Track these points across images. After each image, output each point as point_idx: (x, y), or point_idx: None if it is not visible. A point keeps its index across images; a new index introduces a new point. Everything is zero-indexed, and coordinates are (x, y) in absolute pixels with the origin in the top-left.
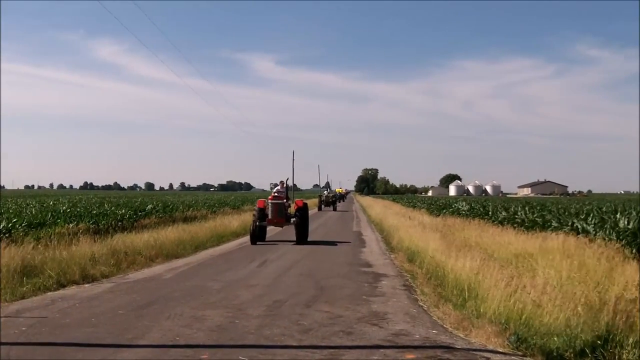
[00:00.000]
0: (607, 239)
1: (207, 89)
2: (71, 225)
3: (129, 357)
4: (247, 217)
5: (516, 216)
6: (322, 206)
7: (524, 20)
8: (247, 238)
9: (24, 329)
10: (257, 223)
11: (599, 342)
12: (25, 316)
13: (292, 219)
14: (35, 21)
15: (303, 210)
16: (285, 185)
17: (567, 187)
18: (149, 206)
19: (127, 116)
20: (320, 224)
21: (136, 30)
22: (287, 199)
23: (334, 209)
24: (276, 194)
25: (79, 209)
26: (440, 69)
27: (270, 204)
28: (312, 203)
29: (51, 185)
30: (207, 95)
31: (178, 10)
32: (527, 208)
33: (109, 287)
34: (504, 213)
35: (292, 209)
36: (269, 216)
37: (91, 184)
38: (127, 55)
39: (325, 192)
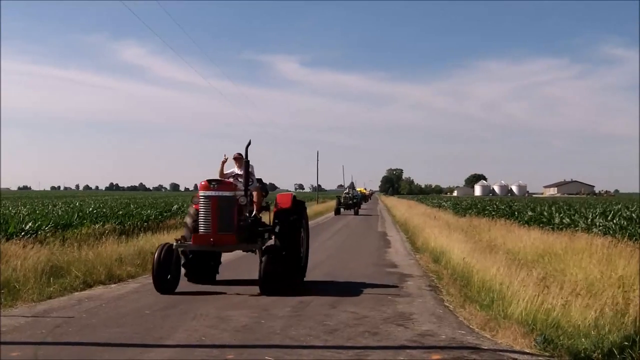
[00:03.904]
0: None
1: (231, 90)
2: (97, 225)
3: (155, 357)
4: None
5: (542, 216)
6: (341, 209)
7: (548, 21)
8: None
9: (51, 328)
10: (176, 245)
11: (627, 343)
12: (52, 316)
13: (264, 235)
14: (60, 23)
15: (293, 215)
16: (245, 160)
17: (593, 186)
18: (175, 206)
19: (151, 117)
20: (332, 233)
21: (160, 33)
22: (249, 189)
23: (356, 213)
24: (231, 177)
25: (105, 210)
26: (463, 70)
27: (201, 200)
28: (332, 205)
29: (77, 186)
30: (231, 96)
31: (200, 13)
32: (553, 208)
33: (134, 288)
34: (530, 213)
35: (270, 215)
36: (200, 228)
37: (117, 184)
38: (151, 57)
39: (345, 192)
